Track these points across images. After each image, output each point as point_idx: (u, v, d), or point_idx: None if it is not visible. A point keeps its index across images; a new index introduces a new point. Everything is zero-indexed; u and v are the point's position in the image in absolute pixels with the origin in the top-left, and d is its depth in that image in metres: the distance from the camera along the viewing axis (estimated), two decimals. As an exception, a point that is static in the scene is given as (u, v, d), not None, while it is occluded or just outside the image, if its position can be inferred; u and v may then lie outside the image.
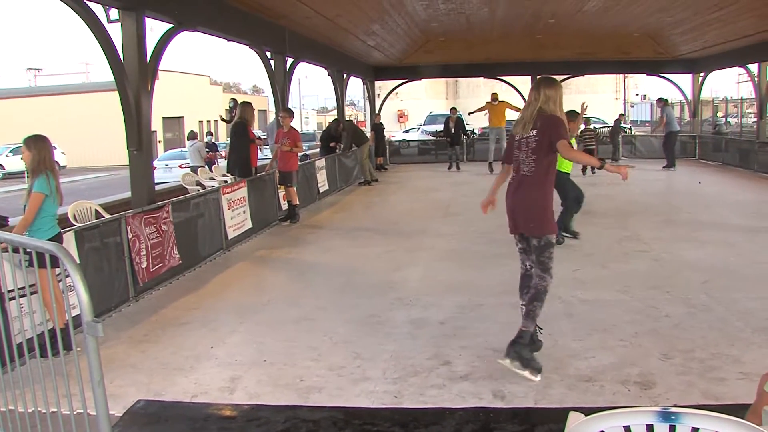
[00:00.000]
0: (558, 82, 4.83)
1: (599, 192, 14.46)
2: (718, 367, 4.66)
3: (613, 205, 12.41)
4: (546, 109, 4.67)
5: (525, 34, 19.98)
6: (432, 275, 7.63)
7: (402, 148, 26.22)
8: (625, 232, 9.65)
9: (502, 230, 10.13)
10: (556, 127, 4.58)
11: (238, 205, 9.80)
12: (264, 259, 8.96)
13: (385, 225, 11.29)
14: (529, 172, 4.69)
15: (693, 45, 19.76)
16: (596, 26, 18.14)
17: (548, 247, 4.74)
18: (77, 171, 36.75)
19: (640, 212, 11.42)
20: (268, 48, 12.92)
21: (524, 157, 4.71)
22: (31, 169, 5.22)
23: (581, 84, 49.96)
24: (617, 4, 14.74)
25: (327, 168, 15.32)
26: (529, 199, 4.71)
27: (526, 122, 4.73)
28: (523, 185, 4.73)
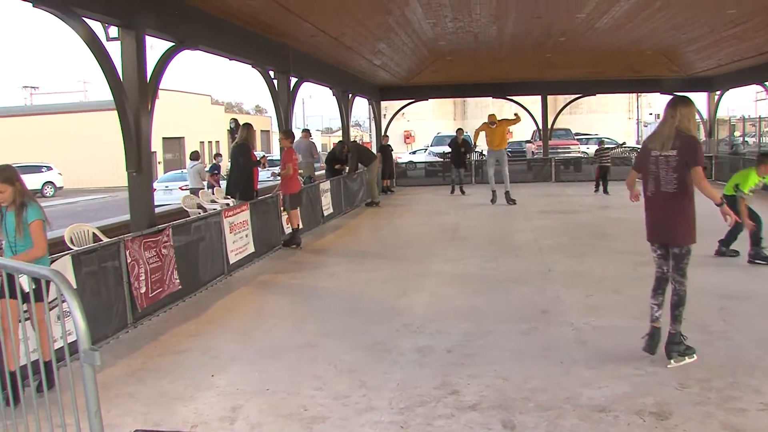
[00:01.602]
0: (691, 101, 5.33)
1: (611, 214, 14.47)
2: (737, 398, 4.63)
3: (626, 228, 12.40)
4: (682, 128, 5.16)
5: (534, 53, 20.06)
6: (439, 301, 7.63)
7: (409, 170, 26.32)
8: (640, 257, 9.59)
9: (510, 254, 10.18)
10: (696, 151, 5.12)
11: (240, 228, 9.83)
12: (267, 285, 8.97)
13: (391, 249, 11.30)
14: (672, 189, 5.20)
15: (708, 63, 19.81)
16: (608, 44, 18.20)
17: (688, 254, 5.32)
18: (74, 192, 36.98)
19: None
20: (272, 67, 13.04)
21: (664, 174, 5.22)
22: (19, 202, 5.04)
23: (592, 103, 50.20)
24: (629, 22, 14.81)
25: (332, 191, 15.38)
26: (678, 213, 5.23)
27: (664, 140, 5.22)
28: (668, 201, 5.24)
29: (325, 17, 12.01)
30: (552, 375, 5.14)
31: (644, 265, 9.03)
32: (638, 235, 11.34)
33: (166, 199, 20.32)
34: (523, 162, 27.53)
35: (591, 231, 12.30)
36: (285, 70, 13.52)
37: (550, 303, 7.26)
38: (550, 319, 6.66)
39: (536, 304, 7.21)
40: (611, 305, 7.11)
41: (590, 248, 10.51)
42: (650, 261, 9.17)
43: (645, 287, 7.81)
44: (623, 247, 10.41)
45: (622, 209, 15.27)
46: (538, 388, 4.90)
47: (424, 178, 25.65)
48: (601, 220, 13.72)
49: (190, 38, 9.28)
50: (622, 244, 10.70)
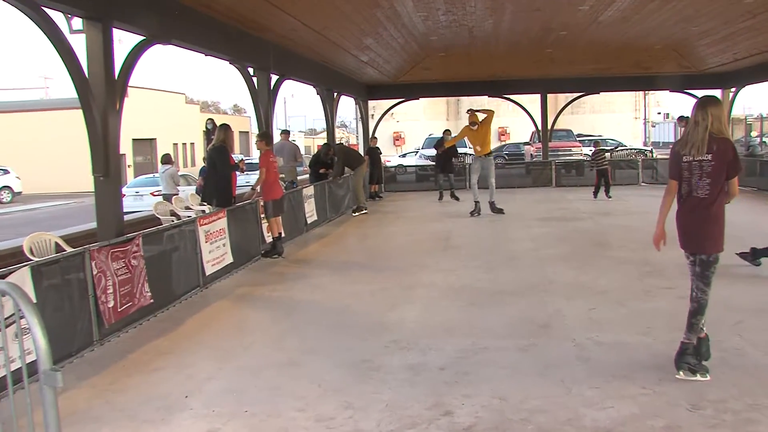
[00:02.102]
0: (720, 101, 5.50)
1: (615, 221, 14.51)
2: (756, 420, 4.62)
3: (630, 236, 12.44)
4: (715, 130, 5.25)
5: (534, 49, 20.17)
6: (431, 315, 7.61)
7: (398, 174, 26.34)
8: (646, 267, 9.65)
9: (507, 264, 10.20)
10: (736, 159, 5.27)
11: (216, 237, 9.80)
12: (246, 298, 8.94)
13: (380, 259, 11.29)
14: (703, 194, 5.32)
15: (722, 57, 19.85)
16: (613, 39, 18.29)
17: (715, 263, 5.40)
18: (34, 198, 36.68)
19: (663, 244, 11.41)
20: (251, 64, 13.03)
21: (697, 180, 5.34)
22: None
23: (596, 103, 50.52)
24: (636, 14, 14.86)
25: (315, 196, 15.36)
26: (708, 220, 5.35)
27: (698, 145, 5.30)
28: (699, 207, 5.37)
29: (307, 10, 12.02)
30: (552, 394, 5.13)
31: (651, 275, 9.09)
32: (644, 243, 11.44)
33: (136, 206, 20.25)
34: (521, 165, 27.64)
35: (594, 239, 12.34)
36: (265, 66, 13.52)
37: (551, 317, 7.27)
38: (550, 335, 6.66)
39: (535, 318, 7.21)
40: (616, 319, 7.12)
41: (593, 258, 10.54)
42: (656, 271, 9.29)
43: (652, 300, 7.87)
44: (628, 257, 10.44)
45: (627, 216, 15.34)
46: (537, 409, 4.89)
47: (415, 183, 25.67)
48: (605, 227, 13.77)
49: (163, 32, 9.25)
50: (627, 254, 10.73)
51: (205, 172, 18.84)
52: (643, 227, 13.46)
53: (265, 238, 11.90)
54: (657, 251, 5.91)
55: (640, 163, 24.05)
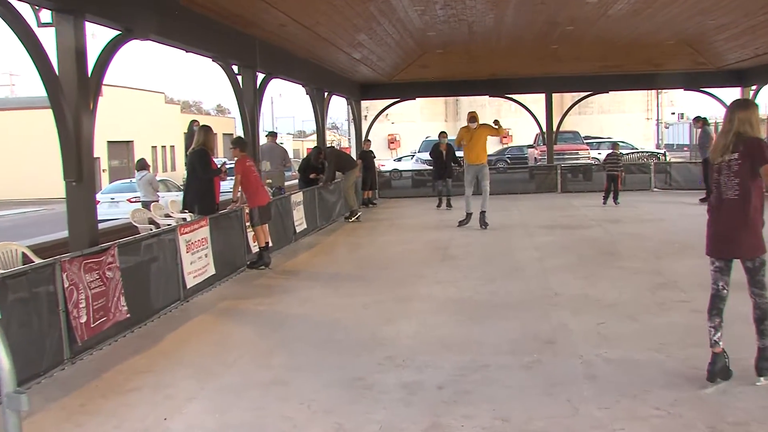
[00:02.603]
0: (752, 103, 5.72)
1: (625, 229, 14.54)
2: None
3: (642, 245, 12.47)
4: (744, 132, 5.44)
5: (538, 45, 20.24)
6: (428, 330, 7.61)
7: (393, 180, 26.37)
8: (659, 278, 9.66)
9: (510, 275, 10.20)
10: (761, 150, 5.34)
11: (198, 247, 9.78)
12: (229, 312, 8.92)
13: (373, 270, 11.28)
14: (733, 195, 5.45)
15: (741, 53, 19.82)
16: (623, 34, 18.35)
17: (763, 266, 5.51)
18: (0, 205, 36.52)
19: (676, 254, 11.46)
20: (235, 61, 13.03)
21: (726, 180, 5.50)
22: None
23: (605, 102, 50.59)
24: (648, 7, 14.88)
25: (305, 203, 15.36)
26: (740, 222, 5.45)
27: (726, 148, 5.52)
28: (729, 209, 5.49)
29: (296, 4, 12.05)
30: (558, 415, 5.12)
31: (664, 287, 9.09)
32: (656, 253, 11.50)
33: (111, 213, 20.19)
34: (524, 170, 27.69)
35: (602, 249, 12.36)
36: (251, 64, 13.52)
37: (556, 332, 7.27)
38: (556, 351, 6.65)
39: (540, 334, 7.21)
40: (626, 334, 7.12)
41: (602, 268, 10.55)
42: (670, 283, 9.31)
43: (665, 313, 7.88)
44: (639, 267, 10.46)
45: (637, 224, 15.37)
46: (542, 431, 4.88)
47: (411, 189, 25.69)
48: (614, 236, 13.79)
49: (140, 26, 9.23)
50: (638, 264, 10.75)
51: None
52: (655, 235, 13.53)
53: (251, 247, 11.89)
54: (671, 261, 5.91)
55: (652, 168, 24.10)
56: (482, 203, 15.15)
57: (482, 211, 15.08)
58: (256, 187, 11.60)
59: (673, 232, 14.04)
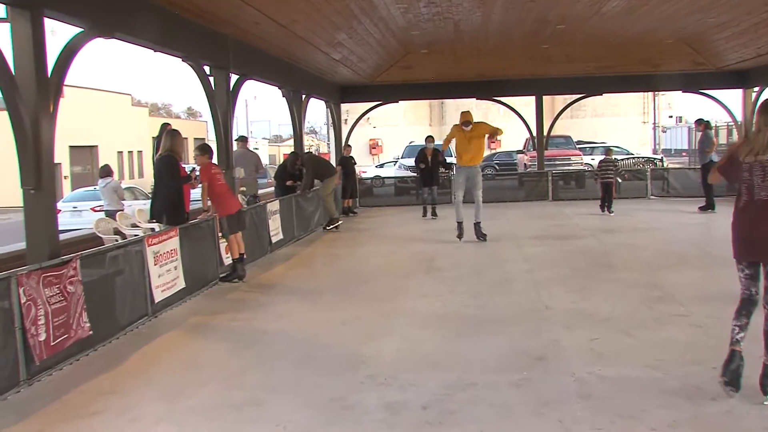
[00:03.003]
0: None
1: (620, 239, 14.61)
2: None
3: (638, 255, 12.53)
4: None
5: (528, 45, 20.33)
6: (412, 347, 7.60)
7: (375, 187, 26.37)
8: (655, 291, 9.71)
9: (498, 289, 10.21)
10: None
11: (167, 259, 9.74)
12: (200, 328, 8.88)
13: (354, 284, 11.27)
14: (766, 196, 5.58)
15: (744, 53, 19.91)
16: (618, 33, 18.45)
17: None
18: (-43, 216, 36.20)
19: (674, 265, 11.53)
20: (207, 61, 13.02)
21: (759, 181, 5.62)
22: None
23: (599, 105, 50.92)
24: (644, 4, 14.93)
25: (281, 212, 15.33)
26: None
27: (759, 148, 5.65)
28: (762, 210, 5.61)
29: (272, 1, 12.05)
30: (550, 436, 5.13)
31: (661, 301, 9.13)
32: (652, 264, 11.55)
33: (73, 223, 20.08)
34: (513, 177, 27.76)
35: (596, 260, 12.41)
36: (223, 65, 13.51)
37: (547, 348, 7.28)
38: (547, 368, 6.67)
39: (530, 350, 7.22)
40: (622, 351, 7.15)
41: (595, 281, 10.59)
42: (668, 296, 9.36)
43: (662, 328, 7.91)
44: (635, 280, 10.50)
45: (633, 233, 15.44)
46: (533, 453, 4.89)
47: (394, 197, 25.71)
48: (608, 246, 13.85)
49: (104, 23, 9.20)
50: (633, 276, 10.80)
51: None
52: (651, 246, 13.59)
53: (224, 259, 11.85)
54: (668, 273, 5.97)
55: (648, 174, 24.22)
56: (476, 213, 14.70)
57: (476, 222, 14.69)
58: (223, 195, 11.56)
59: (670, 242, 14.12)
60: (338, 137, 25.34)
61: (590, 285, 10.27)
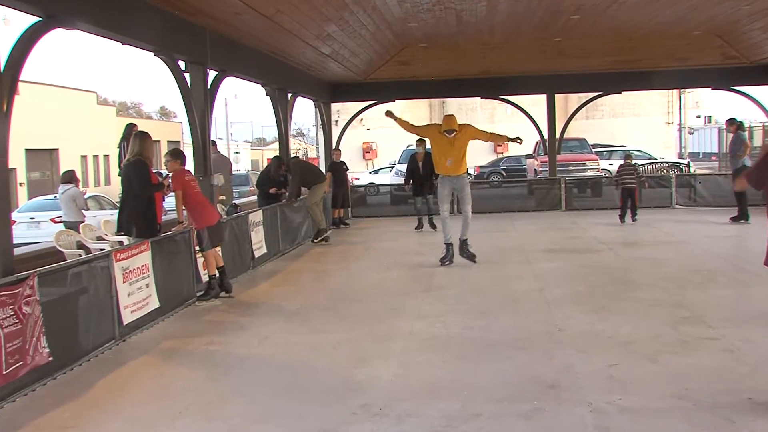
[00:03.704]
0: None
1: (642, 254, 14.62)
2: None
3: (662, 272, 12.54)
4: None
5: (538, 37, 20.37)
6: (410, 373, 7.60)
7: (369, 195, 26.39)
8: (682, 311, 9.71)
9: (506, 308, 10.22)
10: None
11: (137, 276, 9.72)
12: (175, 353, 8.85)
13: (345, 303, 11.26)
14: None
15: (782, 44, 19.95)
16: (639, 23, 18.46)
17: None
18: None
19: (702, 283, 11.54)
20: (182, 55, 13.02)
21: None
22: None
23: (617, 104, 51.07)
24: (669, -10, 14.92)
25: (265, 224, 15.33)
26: None
27: None
28: None
29: (254, -12, 12.07)
30: (564, 473, 5.13)
31: (688, 322, 9.12)
32: (678, 281, 11.56)
33: (31, 236, 20.07)
34: (522, 184, 27.78)
35: (615, 276, 12.43)
36: (200, 59, 13.51)
37: (561, 375, 7.28)
38: (560, 397, 6.66)
39: (541, 376, 7.22)
40: (644, 378, 7.13)
41: (614, 300, 10.58)
42: (695, 317, 9.36)
43: (690, 353, 7.89)
44: (659, 299, 10.51)
45: (656, 247, 15.46)
46: (545, 492, 4.88)
47: (390, 207, 25.73)
48: (629, 261, 13.87)
49: (64, 11, 9.15)
50: (657, 294, 10.80)
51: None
52: (677, 261, 13.58)
53: (201, 276, 11.82)
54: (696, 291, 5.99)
55: (673, 181, 24.22)
56: (463, 229, 13.80)
57: (463, 239, 13.78)
58: (201, 204, 11.54)
59: (698, 256, 14.14)
60: (328, 140, 25.37)
61: (608, 304, 10.27)
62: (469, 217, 13.75)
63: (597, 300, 10.58)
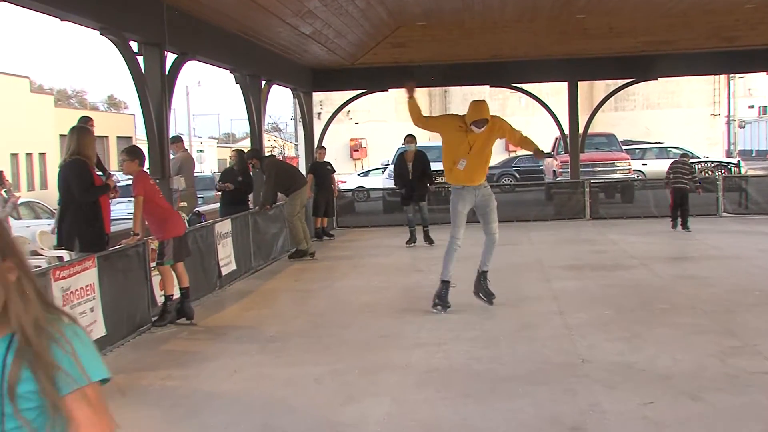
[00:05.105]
0: None
1: (681, 271, 14.64)
2: None
3: (706, 292, 12.56)
4: None
5: (558, 14, 20.42)
6: (405, 412, 7.61)
7: (358, 202, 26.40)
8: (731, 340, 9.71)
9: (519, 335, 10.24)
10: None
11: (81, 298, 9.69)
12: (125, 390, 8.78)
13: (330, 329, 11.27)
14: None
15: None
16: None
17: None
18: None
19: (756, 306, 11.47)
20: (134, 35, 13.00)
21: None
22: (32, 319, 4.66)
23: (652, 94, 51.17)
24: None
25: (235, 235, 15.31)
26: None
27: None
28: None
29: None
30: None
31: (739, 353, 9.11)
32: (727, 304, 11.57)
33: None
34: (539, 188, 27.78)
35: (649, 298, 12.44)
36: (156, 40, 13.49)
37: (585, 415, 7.28)
38: (585, 441, 6.68)
39: (562, 417, 7.23)
40: (686, 420, 7.15)
41: (648, 326, 10.59)
42: (748, 347, 9.37)
43: (741, 390, 7.87)
44: (703, 325, 10.52)
45: (699, 262, 15.48)
46: None
47: (383, 215, 25.73)
48: (666, 280, 13.88)
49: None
50: (701, 320, 10.81)
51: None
52: (725, 280, 13.56)
53: (157, 298, 11.80)
54: (749, 316, 5.96)
55: (720, 184, 24.15)
56: (485, 257, 12.27)
57: (483, 271, 12.32)
58: (166, 212, 11.55)
59: (751, 274, 14.13)
60: (309, 136, 25.38)
61: (642, 331, 10.28)
62: (496, 240, 12.23)
63: (628, 326, 10.60)
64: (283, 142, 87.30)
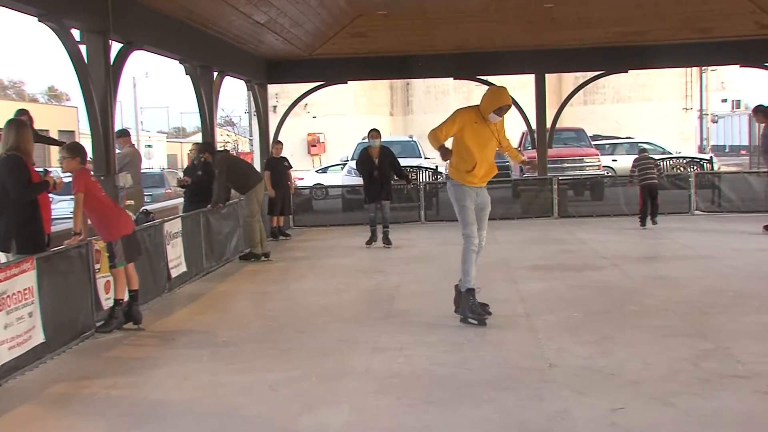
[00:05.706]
0: None
1: (653, 271, 14.75)
2: None
3: (678, 294, 12.65)
4: None
5: (524, 4, 20.50)
6: (366, 420, 7.60)
7: (315, 200, 26.38)
8: (704, 343, 9.77)
9: (485, 339, 10.25)
10: None
11: (17, 303, 9.58)
12: (67, 400, 8.75)
13: (286, 333, 11.25)
14: None
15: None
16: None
17: None
18: None
19: (729, 307, 11.58)
20: (76, 23, 12.93)
21: None
22: None
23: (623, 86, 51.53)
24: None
25: (185, 235, 15.24)
26: None
27: None
28: None
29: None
30: None
31: (711, 356, 9.19)
32: (699, 305, 11.64)
33: None
34: (505, 185, 27.83)
35: (620, 299, 12.50)
36: (100, 27, 13.42)
37: (553, 422, 7.30)
38: (553, 450, 6.69)
39: (529, 424, 7.24)
40: (656, 426, 7.18)
41: (618, 328, 10.64)
42: (720, 349, 9.43)
43: (713, 395, 7.92)
44: (675, 327, 10.58)
45: (670, 262, 15.59)
46: None
47: (342, 214, 25.77)
48: (637, 280, 13.95)
49: None
50: (672, 322, 10.88)
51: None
52: (697, 280, 13.67)
53: (102, 301, 11.72)
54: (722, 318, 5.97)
55: (692, 180, 24.29)
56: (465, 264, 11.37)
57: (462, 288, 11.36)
58: (112, 210, 11.47)
59: (724, 274, 14.24)
60: (264, 131, 25.31)
61: (612, 334, 10.33)
62: (483, 247, 11.57)
63: (598, 329, 10.65)
64: (236, 136, 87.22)
